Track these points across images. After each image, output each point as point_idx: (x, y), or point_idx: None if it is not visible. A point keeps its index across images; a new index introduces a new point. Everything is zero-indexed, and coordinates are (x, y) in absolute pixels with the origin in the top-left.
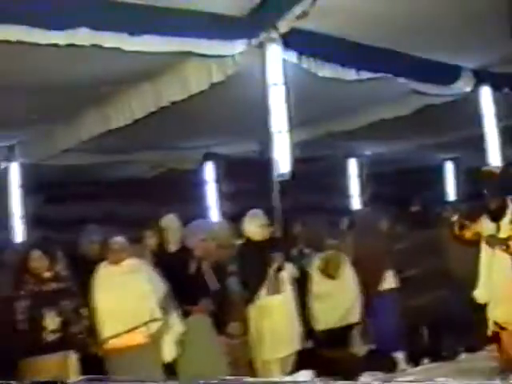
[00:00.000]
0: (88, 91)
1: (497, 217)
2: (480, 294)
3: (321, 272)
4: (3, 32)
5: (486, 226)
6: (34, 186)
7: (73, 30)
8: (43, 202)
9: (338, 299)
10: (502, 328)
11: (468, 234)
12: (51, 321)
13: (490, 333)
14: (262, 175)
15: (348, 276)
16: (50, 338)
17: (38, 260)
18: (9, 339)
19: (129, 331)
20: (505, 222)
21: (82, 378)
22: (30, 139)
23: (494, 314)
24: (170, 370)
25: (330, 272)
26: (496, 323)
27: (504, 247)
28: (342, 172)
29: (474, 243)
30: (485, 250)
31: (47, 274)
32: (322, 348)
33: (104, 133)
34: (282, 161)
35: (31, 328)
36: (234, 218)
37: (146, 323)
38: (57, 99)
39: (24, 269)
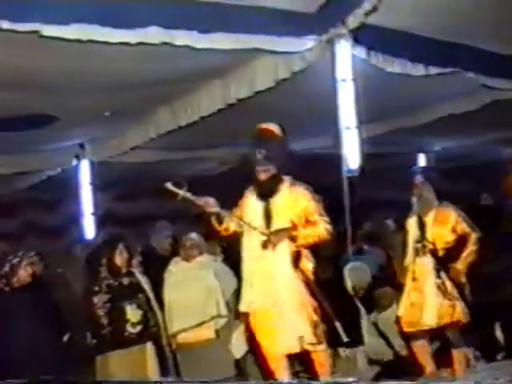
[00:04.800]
0: (158, 89)
1: (266, 193)
2: None
3: None
4: (75, 31)
5: (251, 203)
6: (104, 183)
7: (143, 28)
8: (113, 198)
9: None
10: None
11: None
12: (133, 313)
13: None
14: (331, 171)
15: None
16: (133, 330)
17: (120, 254)
18: (88, 334)
19: (196, 326)
20: (276, 201)
21: None
22: (100, 137)
23: None
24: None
25: None
26: None
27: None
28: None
29: None
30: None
31: (125, 269)
32: None
33: (173, 130)
34: (352, 157)
35: (114, 321)
36: None
37: (213, 318)
38: (127, 97)
39: (103, 263)
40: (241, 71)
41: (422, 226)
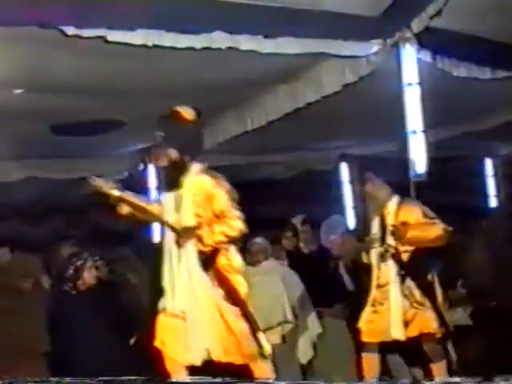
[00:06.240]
0: (225, 93)
1: (173, 182)
2: None
3: None
4: (140, 37)
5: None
6: None
7: (209, 33)
8: None
9: None
10: None
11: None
12: None
13: None
14: (397, 175)
15: None
16: None
17: None
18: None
19: (262, 332)
20: (183, 191)
21: None
22: None
23: None
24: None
25: None
26: None
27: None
28: (478, 172)
29: None
30: None
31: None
32: None
33: (240, 134)
34: (418, 161)
35: None
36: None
37: (279, 324)
38: (194, 102)
39: None
40: (308, 75)
41: (382, 227)
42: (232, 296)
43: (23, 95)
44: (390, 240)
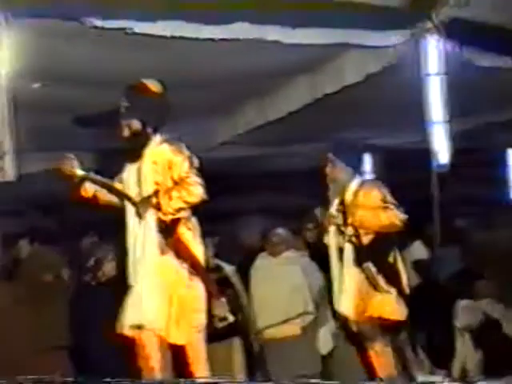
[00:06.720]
0: (246, 84)
1: (134, 153)
2: None
3: None
4: (164, 28)
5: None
6: None
7: (233, 24)
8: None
9: None
10: None
11: None
12: (221, 309)
13: None
14: (420, 166)
15: None
16: (219, 325)
17: (208, 249)
18: None
19: (283, 322)
20: (144, 161)
21: None
22: (188, 132)
23: None
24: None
25: None
26: None
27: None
28: (501, 163)
29: None
30: None
31: (211, 263)
32: None
33: (261, 125)
34: (441, 152)
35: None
36: None
37: (299, 315)
38: (216, 93)
39: None
40: (329, 66)
41: (343, 210)
42: (192, 265)
43: (47, 87)
44: (349, 222)
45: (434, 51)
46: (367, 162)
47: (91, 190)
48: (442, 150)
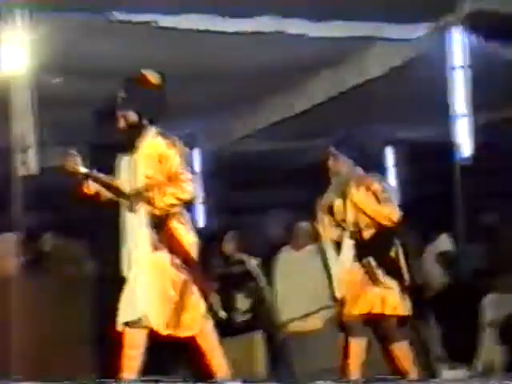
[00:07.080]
0: (270, 78)
1: (129, 145)
2: None
3: None
4: (189, 22)
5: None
6: (215, 172)
7: (257, 17)
8: (225, 188)
9: None
10: None
11: None
12: (243, 302)
13: None
14: (443, 160)
15: None
16: (241, 319)
17: (230, 243)
18: None
19: (305, 316)
20: (138, 154)
21: None
22: (211, 126)
23: None
24: None
25: None
26: None
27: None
28: None
29: None
30: None
31: (235, 257)
32: None
33: (284, 119)
34: (464, 145)
35: (223, 310)
36: (412, 203)
37: (322, 309)
38: (240, 86)
39: (215, 251)
40: (353, 59)
41: (344, 205)
42: (183, 259)
43: (69, 82)
44: (350, 217)
45: (458, 44)
46: (390, 155)
47: (93, 187)
48: (464, 143)
